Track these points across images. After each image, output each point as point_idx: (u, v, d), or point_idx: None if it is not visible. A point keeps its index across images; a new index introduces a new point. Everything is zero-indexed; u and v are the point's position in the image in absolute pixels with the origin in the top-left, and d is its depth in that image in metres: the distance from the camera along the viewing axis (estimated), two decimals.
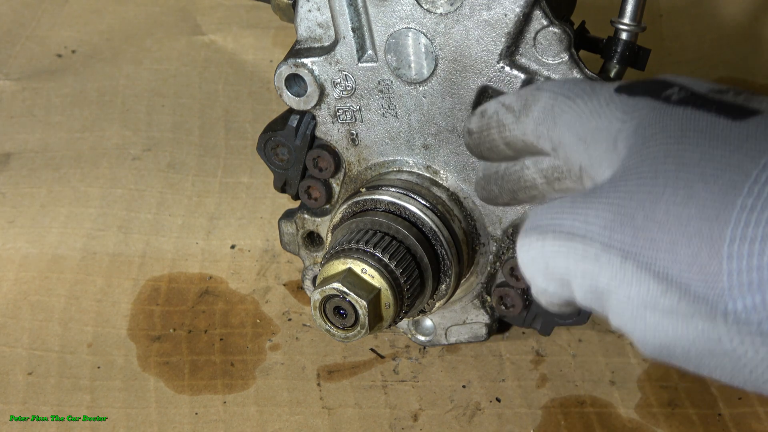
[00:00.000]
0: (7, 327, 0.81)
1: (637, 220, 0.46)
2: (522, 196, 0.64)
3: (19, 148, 0.99)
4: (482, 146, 0.63)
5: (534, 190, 0.63)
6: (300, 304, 0.85)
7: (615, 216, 0.47)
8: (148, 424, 0.74)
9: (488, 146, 0.62)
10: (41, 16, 1.17)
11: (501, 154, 0.62)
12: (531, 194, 0.64)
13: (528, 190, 0.63)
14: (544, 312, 0.73)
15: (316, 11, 0.68)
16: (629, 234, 0.46)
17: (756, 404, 0.75)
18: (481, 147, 0.63)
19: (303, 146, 0.73)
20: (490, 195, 0.66)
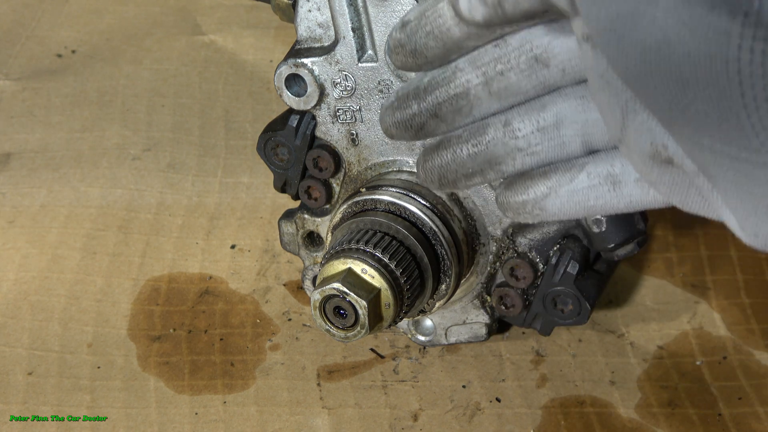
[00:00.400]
0: (7, 327, 0.81)
1: None
2: (445, 110, 0.60)
3: (19, 148, 0.99)
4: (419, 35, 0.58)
5: (463, 98, 0.59)
6: (300, 304, 0.85)
7: None
8: (148, 424, 0.74)
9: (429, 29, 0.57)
10: (41, 16, 1.17)
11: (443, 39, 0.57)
12: (457, 106, 0.59)
13: (456, 100, 0.59)
14: (544, 312, 0.73)
15: (316, 11, 0.68)
16: None
17: (756, 404, 0.75)
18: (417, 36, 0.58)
19: (303, 146, 0.73)
20: (403, 116, 0.62)
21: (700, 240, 0.89)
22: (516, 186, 0.60)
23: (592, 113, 0.56)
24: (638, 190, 0.55)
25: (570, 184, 0.57)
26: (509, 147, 0.59)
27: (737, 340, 0.81)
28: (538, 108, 0.58)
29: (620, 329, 0.82)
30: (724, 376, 0.78)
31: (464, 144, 0.61)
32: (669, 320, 0.82)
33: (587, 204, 0.57)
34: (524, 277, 0.72)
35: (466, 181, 0.62)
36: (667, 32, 0.42)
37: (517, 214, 0.61)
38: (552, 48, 0.55)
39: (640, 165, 0.52)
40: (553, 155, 0.58)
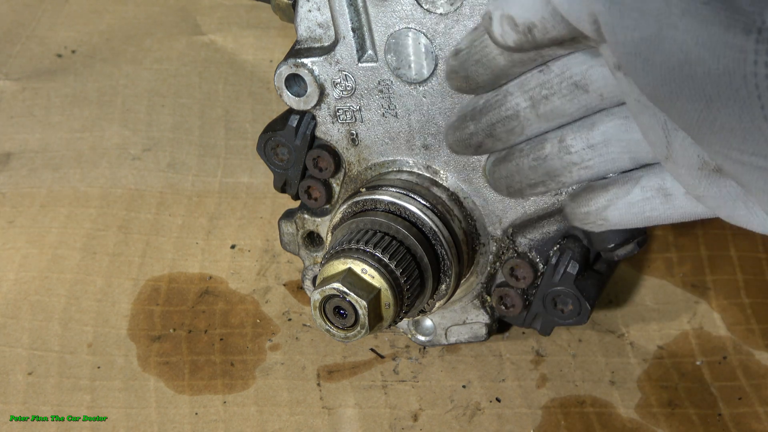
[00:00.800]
0: (7, 327, 0.81)
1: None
2: (499, 130, 0.64)
3: (19, 148, 0.99)
4: (468, 62, 0.62)
5: (514, 120, 0.63)
6: (300, 304, 0.85)
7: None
8: (148, 424, 0.74)
9: (477, 58, 0.61)
10: (41, 16, 1.17)
11: (490, 66, 0.61)
12: (510, 126, 0.64)
13: (507, 121, 0.64)
14: (544, 312, 0.73)
15: (316, 11, 0.68)
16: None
17: (756, 404, 0.75)
18: (468, 64, 0.62)
19: (303, 146, 0.73)
20: (462, 135, 0.66)
21: (700, 240, 0.89)
22: (580, 198, 0.65)
23: (635, 133, 0.60)
24: (688, 202, 0.59)
25: (627, 196, 0.62)
26: (565, 161, 0.64)
27: (737, 340, 0.81)
28: (588, 126, 0.62)
29: (620, 329, 0.82)
30: (724, 376, 0.78)
31: (526, 157, 0.66)
32: (669, 320, 0.82)
33: (644, 215, 0.62)
34: (524, 277, 0.72)
35: (531, 190, 0.67)
36: (688, 53, 0.46)
37: (584, 224, 0.66)
38: (589, 75, 0.59)
39: (688, 179, 0.55)
40: (605, 169, 0.63)
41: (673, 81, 0.47)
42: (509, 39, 0.56)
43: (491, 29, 0.57)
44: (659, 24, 0.46)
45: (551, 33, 0.54)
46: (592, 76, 0.60)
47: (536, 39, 0.55)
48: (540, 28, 0.54)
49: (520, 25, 0.55)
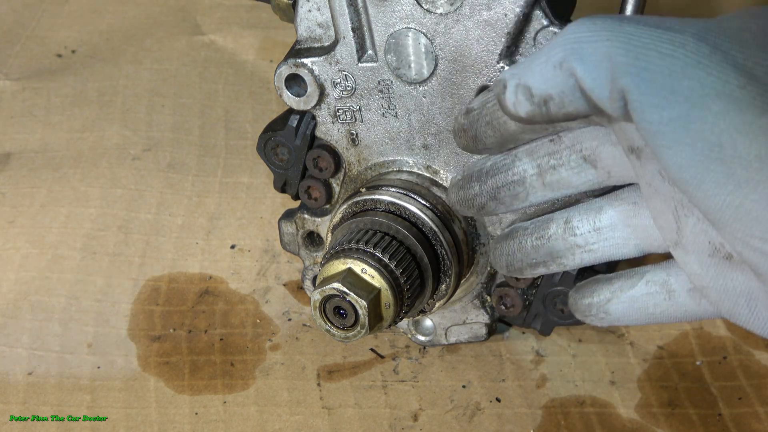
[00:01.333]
0: (7, 327, 0.81)
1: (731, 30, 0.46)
2: (504, 194, 0.64)
3: (19, 148, 0.99)
4: (479, 123, 0.61)
5: (520, 186, 0.63)
6: (300, 304, 0.85)
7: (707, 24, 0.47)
8: (148, 424, 0.74)
9: (488, 120, 0.60)
10: (41, 16, 1.17)
11: (499, 129, 0.60)
12: (514, 192, 0.63)
13: (513, 186, 0.63)
14: (544, 312, 0.73)
15: (316, 11, 0.68)
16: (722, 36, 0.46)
17: (756, 404, 0.75)
18: (478, 125, 0.61)
19: (303, 146, 0.73)
20: (467, 195, 0.65)
21: None
22: (584, 290, 0.64)
23: (643, 219, 0.59)
24: (690, 300, 0.58)
25: (631, 290, 0.61)
26: (569, 243, 0.63)
27: (737, 340, 0.81)
28: (595, 209, 0.62)
29: (620, 329, 0.82)
30: (724, 376, 0.78)
31: (529, 236, 0.65)
32: None
33: (647, 311, 0.60)
34: (524, 278, 0.72)
35: (531, 270, 0.66)
36: (719, 135, 0.45)
37: (585, 316, 0.64)
38: (599, 152, 0.59)
39: (696, 267, 0.54)
40: (609, 254, 0.62)
41: (702, 163, 0.46)
42: (521, 110, 0.54)
43: (503, 98, 0.55)
44: (691, 104, 0.45)
45: (568, 108, 0.52)
46: (602, 153, 0.59)
47: (551, 112, 0.53)
48: (557, 102, 0.52)
49: (537, 96, 0.52)
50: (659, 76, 0.46)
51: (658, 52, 0.47)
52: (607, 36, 0.48)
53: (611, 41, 0.48)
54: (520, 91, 0.53)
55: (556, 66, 0.50)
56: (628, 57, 0.47)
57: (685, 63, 0.46)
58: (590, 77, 0.49)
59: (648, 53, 0.47)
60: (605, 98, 0.49)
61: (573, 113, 0.52)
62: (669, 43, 0.47)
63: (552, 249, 0.64)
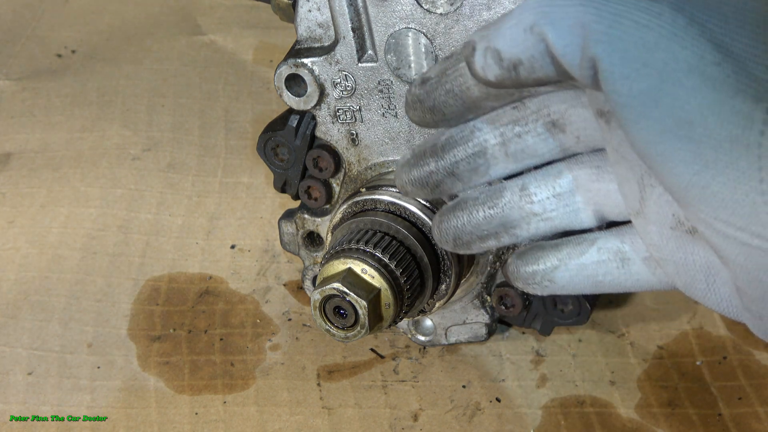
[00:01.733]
0: (7, 327, 0.81)
1: (711, 2, 0.44)
2: (462, 168, 0.60)
3: (19, 148, 0.99)
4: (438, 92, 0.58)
5: (480, 158, 0.60)
6: (300, 304, 0.85)
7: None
8: (148, 424, 0.74)
9: (449, 87, 0.57)
10: (41, 16, 1.17)
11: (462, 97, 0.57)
12: (474, 164, 0.60)
13: (473, 159, 0.60)
14: (544, 312, 0.73)
15: (316, 11, 0.68)
16: (701, 8, 0.44)
17: (756, 404, 0.75)
18: (437, 93, 0.58)
19: (303, 146, 0.73)
20: (420, 174, 0.62)
21: None
22: (527, 256, 0.61)
23: (605, 183, 0.57)
24: (645, 269, 0.56)
25: (580, 258, 0.58)
26: (525, 211, 0.60)
27: (737, 340, 0.81)
28: (554, 174, 0.59)
29: (620, 329, 0.82)
30: (724, 376, 0.78)
31: (480, 206, 0.61)
32: (669, 320, 0.82)
33: (596, 279, 0.58)
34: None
35: (480, 243, 0.63)
36: (689, 112, 0.43)
37: (527, 284, 0.62)
38: (568, 116, 0.56)
39: (656, 238, 0.53)
40: (566, 222, 0.60)
41: (669, 139, 0.44)
42: (490, 73, 0.52)
43: (472, 60, 0.53)
44: (663, 78, 0.44)
45: (538, 73, 0.50)
46: (571, 117, 0.56)
47: (520, 77, 0.51)
48: (527, 67, 0.50)
49: (506, 60, 0.51)
50: (632, 47, 0.44)
51: (633, 21, 0.45)
52: (581, 2, 0.46)
53: (584, 6, 0.46)
54: (489, 55, 0.51)
55: (526, 29, 0.49)
56: (601, 24, 0.45)
57: (660, 34, 0.44)
58: (561, 43, 0.47)
59: (621, 21, 0.45)
60: (575, 65, 0.47)
61: (543, 78, 0.50)
62: (644, 12, 0.44)
63: (506, 219, 0.61)
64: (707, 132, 0.43)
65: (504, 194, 0.61)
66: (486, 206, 0.61)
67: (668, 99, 0.44)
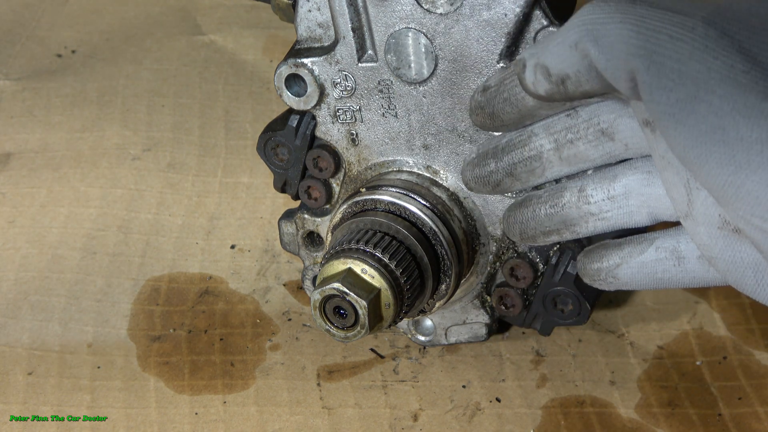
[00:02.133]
0: (7, 327, 0.81)
1: (740, 15, 0.48)
2: (520, 170, 0.65)
3: (19, 148, 0.99)
4: (496, 100, 0.62)
5: (537, 161, 0.64)
6: (300, 304, 0.85)
7: (717, 8, 0.48)
8: (148, 424, 0.74)
9: (506, 96, 0.61)
10: (41, 16, 1.17)
11: (518, 106, 0.61)
12: (531, 167, 0.64)
13: (530, 162, 0.64)
14: (544, 312, 0.73)
15: (316, 11, 0.68)
16: (730, 21, 0.47)
17: (756, 404, 0.75)
18: (495, 101, 0.62)
19: (303, 146, 0.73)
20: (482, 173, 0.67)
21: None
22: (593, 254, 0.65)
23: (656, 188, 0.61)
24: (699, 267, 0.59)
25: (640, 256, 0.62)
26: (582, 211, 0.64)
27: (737, 340, 0.81)
28: (609, 178, 0.63)
29: (620, 329, 0.82)
30: (724, 376, 0.78)
31: (543, 204, 0.66)
32: (669, 320, 0.82)
33: (656, 276, 0.61)
34: (524, 277, 0.72)
35: (544, 238, 0.67)
36: (722, 118, 0.47)
37: (593, 280, 0.65)
38: (616, 125, 0.60)
39: (705, 239, 0.56)
40: (621, 222, 0.63)
41: (705, 144, 0.47)
42: (540, 88, 0.56)
43: (523, 76, 0.57)
44: (697, 87, 0.47)
45: (584, 87, 0.54)
46: (619, 126, 0.60)
47: (568, 91, 0.55)
48: (573, 81, 0.54)
49: (554, 76, 0.55)
50: (667, 59, 0.48)
51: (668, 35, 0.48)
52: (620, 18, 0.49)
53: (623, 23, 0.49)
54: (539, 71, 0.55)
55: (571, 47, 0.52)
56: (639, 39, 0.49)
57: (693, 47, 0.47)
58: (604, 58, 0.50)
59: (658, 36, 0.48)
60: (618, 78, 0.50)
61: (589, 91, 0.54)
62: (679, 27, 0.48)
63: (566, 217, 0.65)
64: (739, 135, 0.46)
65: (564, 195, 0.65)
66: (548, 205, 0.66)
67: (703, 106, 0.47)
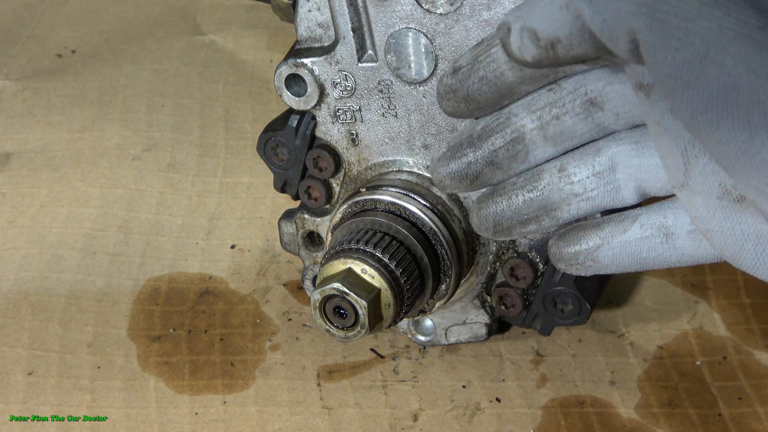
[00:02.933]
0: (7, 327, 0.81)
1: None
2: (502, 156, 0.60)
3: (19, 148, 0.99)
4: (471, 80, 0.57)
5: (519, 143, 0.59)
6: (300, 304, 0.85)
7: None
8: (148, 424, 0.74)
9: (482, 74, 0.57)
10: (41, 16, 1.17)
11: (496, 83, 0.57)
12: (513, 151, 0.60)
13: (512, 145, 0.59)
14: (544, 312, 0.73)
15: (316, 11, 0.68)
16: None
17: (756, 404, 0.75)
18: (470, 81, 0.58)
19: (303, 146, 0.73)
20: (459, 166, 0.62)
21: None
22: (569, 237, 0.61)
23: (646, 158, 0.57)
24: (690, 242, 0.56)
25: (623, 235, 0.58)
26: (565, 192, 0.60)
27: (737, 340, 0.81)
28: (592, 153, 0.59)
29: (620, 329, 0.82)
30: (724, 376, 0.78)
31: (519, 190, 0.61)
32: (669, 320, 0.82)
33: (640, 256, 0.58)
34: (524, 277, 0.72)
35: (521, 228, 0.63)
36: (736, 79, 0.42)
37: (569, 265, 0.61)
38: (606, 93, 0.56)
39: (702, 210, 0.52)
40: (608, 200, 0.59)
41: (716, 108, 0.43)
42: (528, 54, 0.52)
43: (508, 41, 0.53)
44: (707, 46, 0.43)
45: (576, 50, 0.49)
46: (609, 94, 0.56)
47: (558, 56, 0.51)
48: (564, 45, 0.50)
49: (543, 39, 0.50)
50: (673, 17, 0.43)
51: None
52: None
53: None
54: (526, 35, 0.51)
55: (562, 7, 0.48)
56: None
57: (701, 2, 0.43)
58: (599, 18, 0.46)
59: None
60: (615, 40, 0.46)
61: (582, 55, 0.50)
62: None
63: (546, 201, 0.60)
64: (755, 98, 0.42)
65: (543, 176, 0.61)
66: (525, 190, 0.61)
67: (714, 67, 0.43)
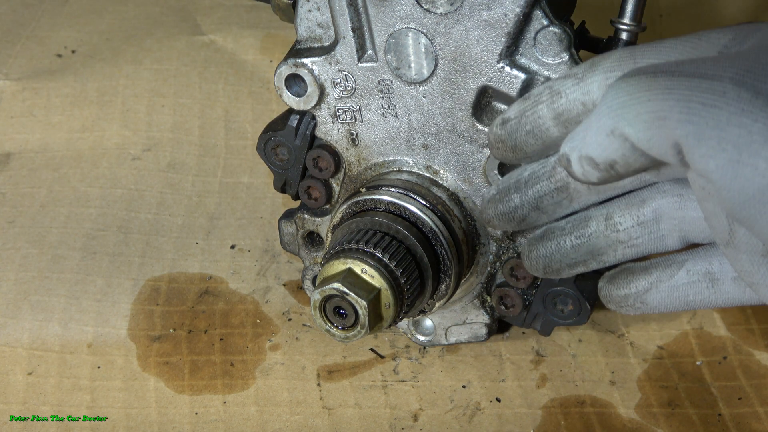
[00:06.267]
0: (7, 327, 0.81)
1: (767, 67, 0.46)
2: (547, 202, 0.63)
3: (19, 148, 0.99)
4: (519, 132, 0.61)
5: (564, 192, 0.62)
6: (300, 304, 0.85)
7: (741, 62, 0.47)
8: (148, 424, 0.74)
9: (528, 129, 0.60)
10: (41, 16, 1.17)
11: (542, 137, 0.60)
12: (558, 199, 0.63)
13: (557, 193, 0.62)
14: (544, 312, 0.73)
15: (316, 11, 0.68)
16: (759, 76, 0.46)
17: (756, 404, 0.75)
18: (518, 134, 0.61)
19: (303, 146, 0.73)
20: (506, 209, 0.65)
21: None
22: (618, 281, 0.64)
23: (689, 211, 0.60)
24: (735, 288, 0.58)
25: (670, 280, 0.61)
26: (610, 239, 0.63)
27: (737, 340, 0.81)
28: (637, 203, 0.61)
29: (620, 329, 0.82)
30: (724, 376, 0.78)
31: (567, 236, 0.64)
32: (669, 320, 0.82)
33: (687, 299, 0.61)
34: (524, 277, 0.72)
35: (569, 270, 0.66)
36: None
37: (620, 306, 0.64)
38: None
39: (748, 266, 0.55)
40: (652, 248, 0.62)
41: (754, 206, 0.47)
42: (592, 177, 0.55)
43: (572, 170, 0.56)
44: (740, 151, 0.46)
45: (634, 166, 0.53)
46: None
47: (620, 173, 0.54)
48: (622, 164, 0.53)
49: (601, 164, 0.53)
50: (705, 128, 0.47)
51: (700, 103, 0.47)
52: (647, 96, 0.49)
53: (653, 101, 0.49)
54: (585, 162, 0.54)
55: (608, 134, 0.51)
56: (673, 111, 0.48)
57: (729, 112, 0.46)
58: (644, 139, 0.50)
59: (690, 106, 0.47)
60: (664, 154, 0.50)
61: (640, 168, 0.53)
62: (709, 93, 0.47)
63: (593, 247, 0.63)
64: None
65: (590, 224, 0.63)
66: (573, 236, 0.64)
67: (748, 170, 0.46)
